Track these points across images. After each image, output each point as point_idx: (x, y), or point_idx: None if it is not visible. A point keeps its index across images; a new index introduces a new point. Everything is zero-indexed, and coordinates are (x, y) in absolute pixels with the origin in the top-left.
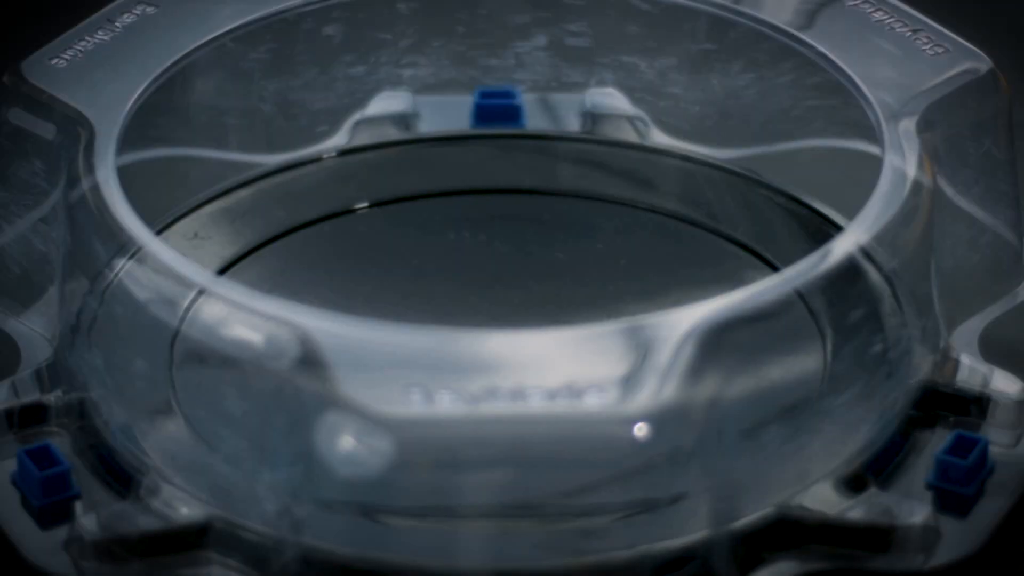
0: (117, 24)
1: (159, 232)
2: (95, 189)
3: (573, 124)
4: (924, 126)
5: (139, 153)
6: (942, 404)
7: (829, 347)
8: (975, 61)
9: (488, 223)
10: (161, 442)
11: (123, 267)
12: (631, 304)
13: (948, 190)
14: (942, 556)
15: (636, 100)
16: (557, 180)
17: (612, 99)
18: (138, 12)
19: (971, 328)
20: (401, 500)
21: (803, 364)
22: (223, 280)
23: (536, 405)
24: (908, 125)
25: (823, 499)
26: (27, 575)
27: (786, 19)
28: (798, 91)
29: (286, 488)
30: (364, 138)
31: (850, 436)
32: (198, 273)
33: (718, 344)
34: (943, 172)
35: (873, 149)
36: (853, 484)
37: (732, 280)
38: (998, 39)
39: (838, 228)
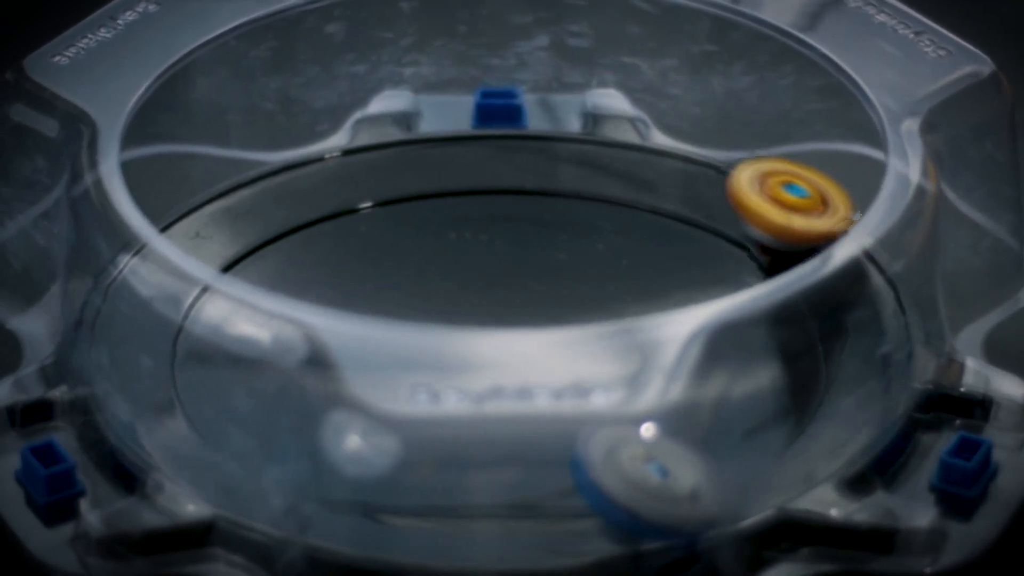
0: (119, 21)
1: (160, 232)
2: (98, 185)
3: (574, 125)
4: (926, 129)
5: (141, 150)
6: (946, 407)
7: (833, 350)
8: (977, 64)
9: (489, 223)
10: (166, 439)
11: (127, 264)
12: (632, 305)
13: (950, 194)
14: (946, 558)
15: (637, 101)
16: (558, 181)
17: (613, 100)
18: (140, 10)
19: (975, 331)
20: (406, 500)
21: (807, 366)
22: (228, 277)
23: (542, 404)
24: (911, 128)
25: (827, 501)
26: (32, 572)
27: (788, 20)
28: (800, 93)
29: (291, 487)
30: (365, 137)
31: (854, 438)
32: (203, 270)
33: (724, 345)
34: (945, 175)
35: (876, 153)
36: (857, 486)
37: (732, 281)
38: (1000, 41)
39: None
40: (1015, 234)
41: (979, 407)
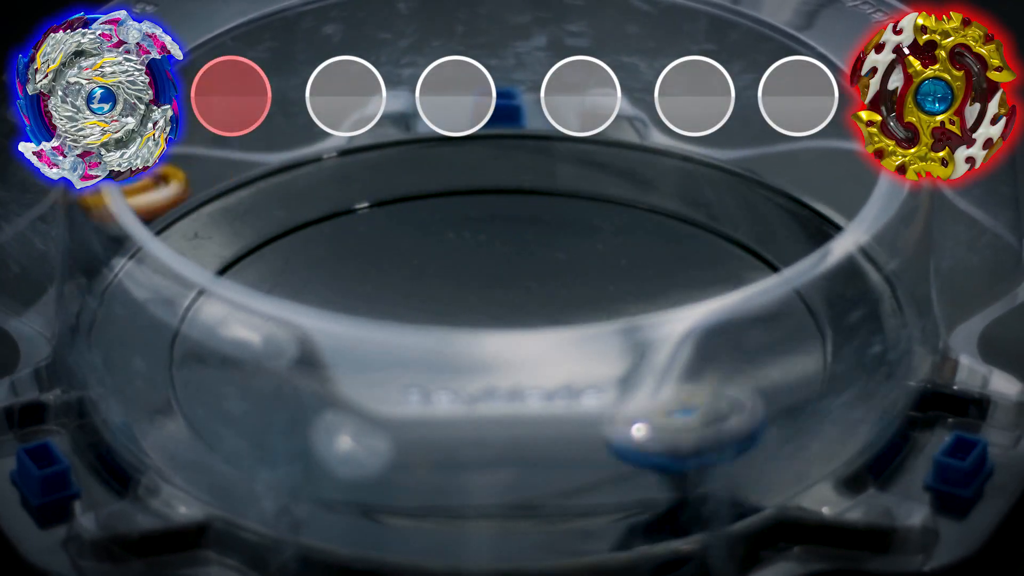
0: None
1: (159, 232)
2: (95, 188)
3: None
4: None
5: None
6: (942, 405)
7: (829, 348)
8: None
9: (488, 223)
10: (160, 441)
11: (123, 267)
12: (631, 304)
13: (948, 191)
14: (941, 558)
15: (636, 100)
16: (557, 180)
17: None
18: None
19: (971, 329)
20: (399, 500)
21: (802, 365)
22: (222, 280)
23: (534, 405)
24: None
25: (822, 500)
26: (26, 574)
27: (786, 20)
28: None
29: (285, 488)
30: (364, 137)
31: (849, 437)
32: (197, 273)
33: (717, 344)
34: None
35: None
36: (852, 485)
37: (732, 280)
38: None
39: (838, 228)
40: (1013, 231)
41: (975, 405)
